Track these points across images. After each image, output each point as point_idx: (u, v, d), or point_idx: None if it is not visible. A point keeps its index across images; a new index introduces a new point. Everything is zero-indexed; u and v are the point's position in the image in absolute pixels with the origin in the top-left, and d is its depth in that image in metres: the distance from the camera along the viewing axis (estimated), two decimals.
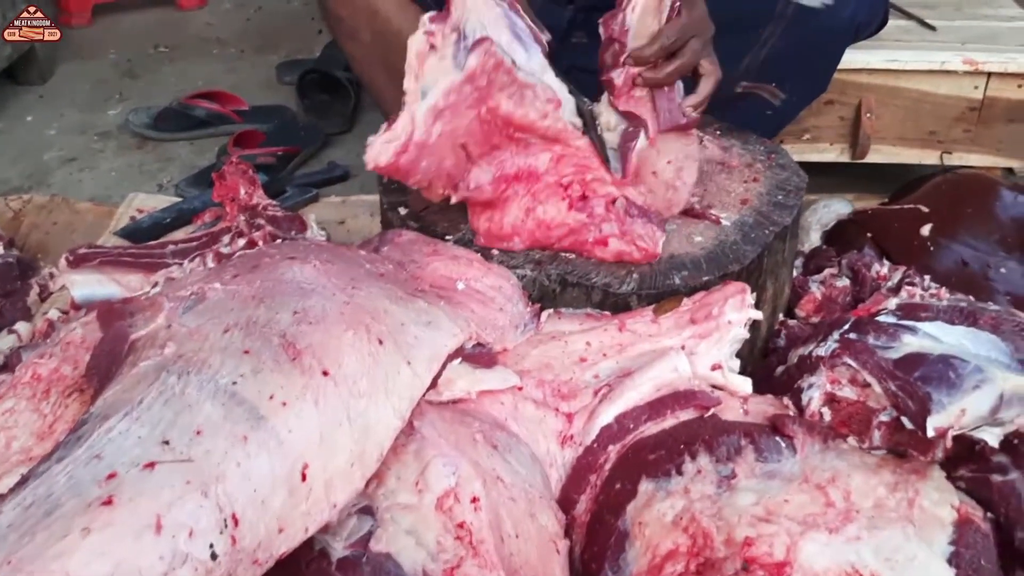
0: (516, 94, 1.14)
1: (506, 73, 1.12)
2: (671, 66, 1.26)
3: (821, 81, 1.65)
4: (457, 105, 1.12)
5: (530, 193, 1.21)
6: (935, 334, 1.11)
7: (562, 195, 1.21)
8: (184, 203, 1.92)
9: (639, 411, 1.08)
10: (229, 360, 0.88)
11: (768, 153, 1.48)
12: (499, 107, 1.14)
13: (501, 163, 1.19)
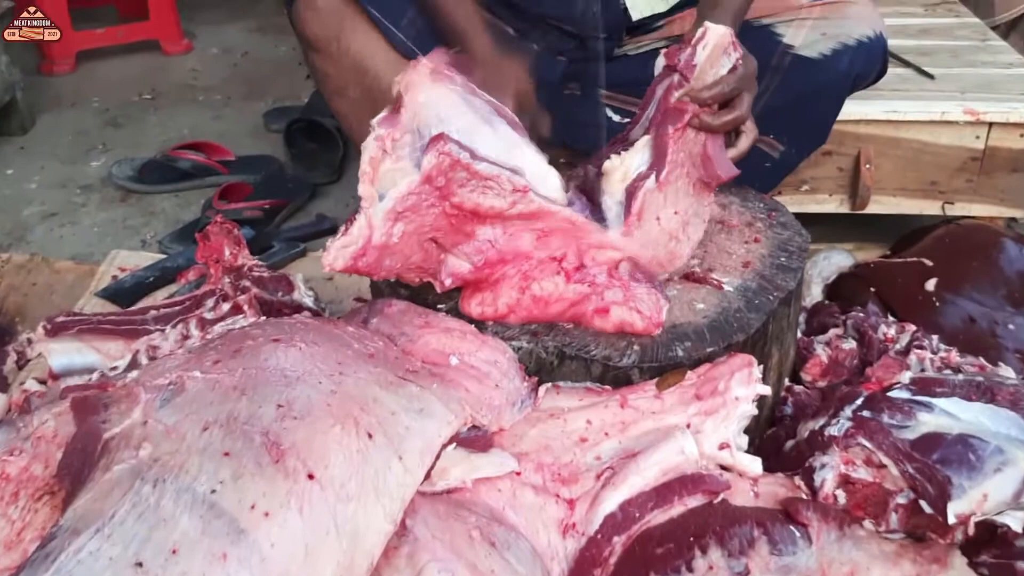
0: (478, 187, 1.09)
1: (464, 169, 1.06)
2: (729, 116, 1.24)
3: (820, 132, 1.61)
4: (417, 206, 1.08)
5: (521, 273, 1.15)
6: (952, 411, 1.06)
7: (556, 268, 1.16)
8: (168, 260, 1.86)
9: (645, 498, 1.03)
10: (208, 464, 0.83)
11: (768, 211, 1.43)
12: (463, 202, 1.09)
13: (480, 249, 1.14)
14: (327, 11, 1.51)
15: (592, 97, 1.67)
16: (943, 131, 1.73)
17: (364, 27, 1.52)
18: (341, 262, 1.07)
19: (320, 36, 1.53)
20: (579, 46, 1.63)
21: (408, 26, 1.54)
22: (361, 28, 1.52)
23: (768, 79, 1.52)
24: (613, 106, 1.66)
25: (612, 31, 1.62)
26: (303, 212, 2.23)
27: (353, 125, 1.63)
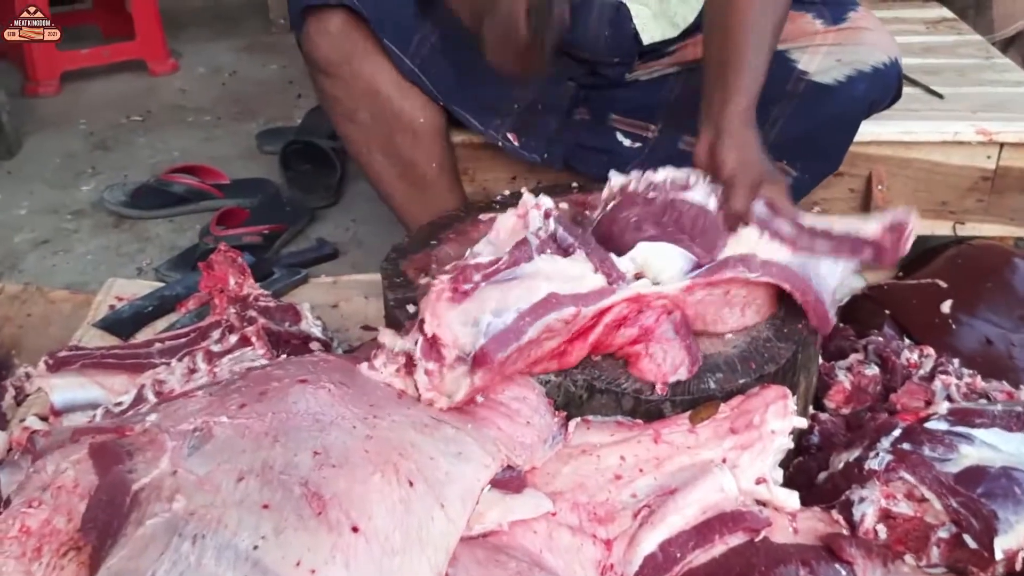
0: (534, 346, 1.06)
1: (516, 354, 1.03)
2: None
3: (834, 159, 1.60)
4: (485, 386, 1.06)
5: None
6: (993, 443, 1.05)
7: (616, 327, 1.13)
8: (166, 289, 1.82)
9: (685, 537, 1.00)
10: (247, 517, 0.80)
11: None
12: (533, 363, 1.09)
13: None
14: (338, 35, 1.49)
15: (602, 122, 1.65)
16: (954, 151, 1.72)
17: (375, 51, 1.50)
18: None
19: (331, 60, 1.50)
20: (589, 72, 1.62)
21: (415, 52, 1.52)
22: (372, 51, 1.50)
23: (783, 105, 1.51)
24: (623, 131, 1.65)
25: (623, 56, 1.60)
26: (303, 236, 2.20)
27: (361, 150, 1.61)
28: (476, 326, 1.01)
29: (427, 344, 0.99)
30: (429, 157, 1.61)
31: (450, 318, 0.99)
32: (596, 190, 1.55)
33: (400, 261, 1.39)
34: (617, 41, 1.57)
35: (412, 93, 1.54)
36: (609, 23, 1.56)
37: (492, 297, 1.02)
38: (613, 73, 1.62)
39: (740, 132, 1.24)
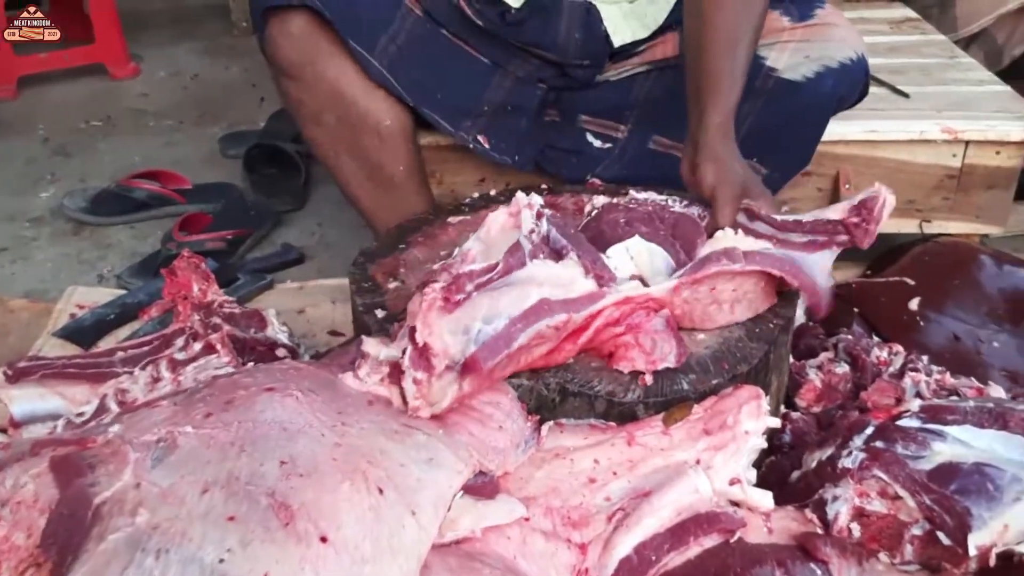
0: (525, 352, 1.06)
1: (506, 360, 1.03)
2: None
3: (803, 155, 1.60)
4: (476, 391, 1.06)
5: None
6: (965, 439, 1.05)
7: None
8: (128, 296, 1.79)
9: (660, 539, 0.99)
10: (213, 530, 0.78)
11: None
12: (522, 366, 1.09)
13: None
14: (300, 36, 1.46)
15: (572, 123, 1.64)
16: (920, 150, 1.73)
17: (339, 52, 1.48)
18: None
19: (293, 62, 1.48)
20: (559, 73, 1.60)
21: (382, 53, 1.50)
22: (336, 52, 1.48)
23: (752, 102, 1.51)
24: (593, 131, 1.64)
25: (594, 59, 1.59)
26: (267, 241, 2.17)
27: (328, 153, 1.58)
28: (466, 334, 1.00)
29: (416, 353, 0.97)
30: (396, 159, 1.59)
31: (441, 327, 0.97)
32: (566, 191, 1.55)
33: (368, 265, 1.38)
34: (588, 43, 1.57)
35: (378, 95, 1.52)
36: (580, 26, 1.56)
37: (483, 304, 1.01)
38: (583, 75, 1.61)
39: (717, 146, 1.27)
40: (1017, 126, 1.71)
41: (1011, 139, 1.71)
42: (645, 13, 1.60)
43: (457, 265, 1.07)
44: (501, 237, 1.11)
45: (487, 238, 1.11)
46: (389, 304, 1.28)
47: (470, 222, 1.46)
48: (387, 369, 1.01)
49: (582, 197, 1.52)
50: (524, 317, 1.01)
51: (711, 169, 1.26)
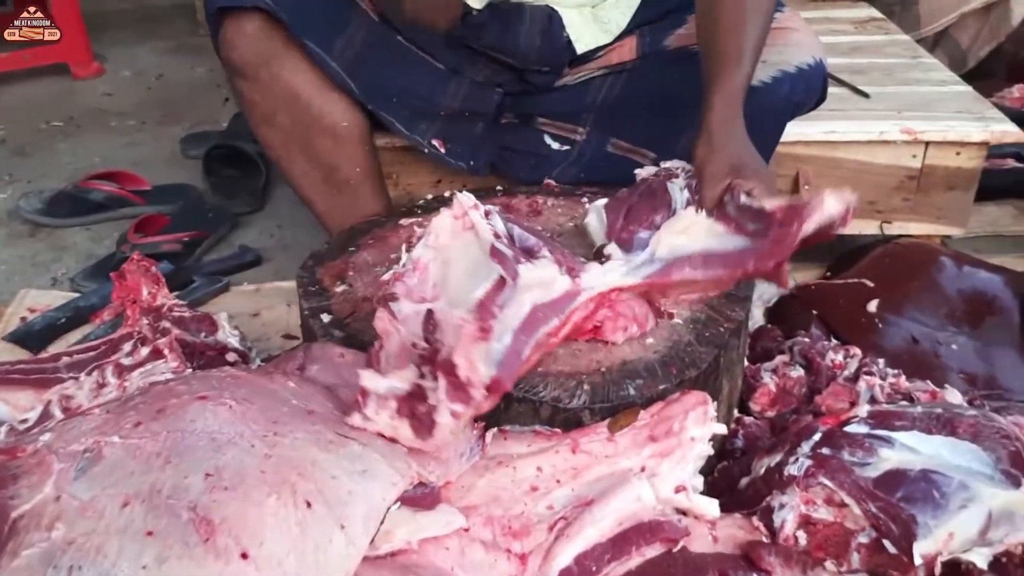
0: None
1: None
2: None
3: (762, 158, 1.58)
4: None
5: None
6: (913, 445, 1.03)
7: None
8: (81, 299, 1.76)
9: (601, 549, 0.97)
10: (130, 545, 0.76)
11: None
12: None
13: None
14: (255, 37, 1.44)
15: (530, 125, 1.62)
16: (880, 151, 1.72)
17: (294, 54, 1.45)
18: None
19: (249, 63, 1.45)
20: (518, 79, 1.58)
21: (340, 55, 1.47)
22: (291, 55, 1.45)
23: None
24: (552, 133, 1.62)
25: (554, 65, 1.57)
26: (225, 243, 2.13)
27: (282, 155, 1.56)
28: (489, 355, 0.97)
29: (453, 386, 0.93)
30: (352, 161, 1.56)
31: (477, 358, 0.94)
32: (521, 192, 1.53)
33: (316, 268, 1.35)
34: (548, 50, 1.54)
35: (334, 96, 1.50)
36: (541, 32, 1.53)
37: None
38: (542, 80, 1.59)
39: (715, 127, 1.28)
40: (977, 127, 1.70)
41: (971, 140, 1.70)
42: (608, 18, 1.58)
43: (410, 274, 1.05)
44: (452, 242, 1.09)
45: (437, 244, 1.08)
46: (335, 308, 1.25)
47: (422, 224, 1.44)
48: (395, 404, 0.96)
49: (536, 198, 1.50)
50: (525, 329, 1.00)
51: (702, 148, 1.27)
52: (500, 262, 1.03)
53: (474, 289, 1.01)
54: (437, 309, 1.01)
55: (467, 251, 1.07)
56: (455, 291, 1.04)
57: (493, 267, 1.02)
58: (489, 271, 1.03)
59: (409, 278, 1.04)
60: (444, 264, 1.06)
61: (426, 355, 0.96)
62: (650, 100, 1.55)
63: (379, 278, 1.05)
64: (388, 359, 0.99)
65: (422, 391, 0.95)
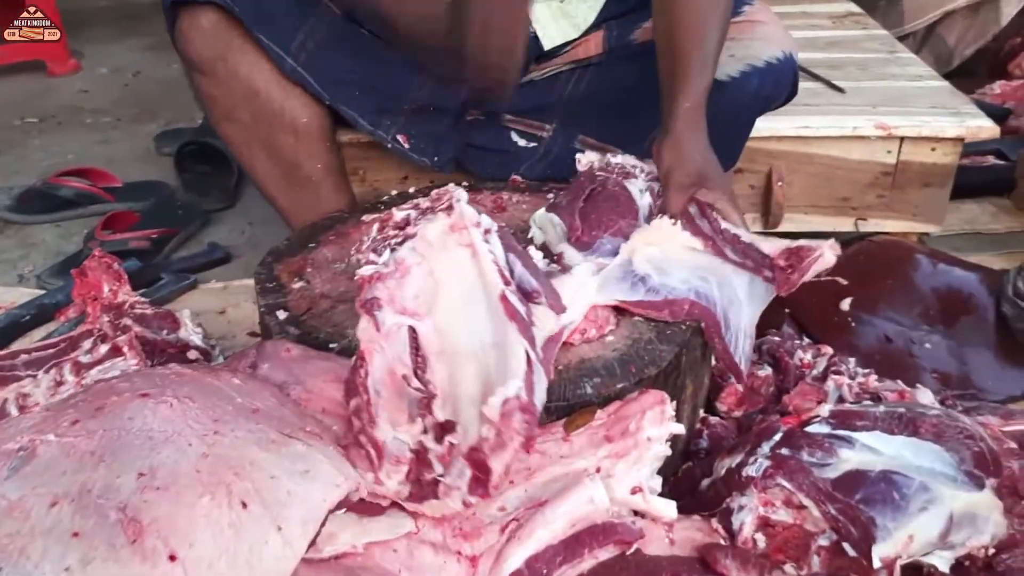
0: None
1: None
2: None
3: (730, 155, 1.56)
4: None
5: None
6: (874, 446, 1.01)
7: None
8: (46, 296, 1.73)
9: (552, 552, 0.95)
10: (54, 547, 0.73)
11: None
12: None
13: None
14: (212, 31, 1.41)
15: (496, 122, 1.60)
16: (854, 146, 1.69)
17: (251, 48, 1.43)
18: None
19: (205, 57, 1.43)
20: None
21: (299, 50, 1.45)
22: (249, 48, 1.43)
23: None
24: (518, 130, 1.60)
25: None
26: (195, 241, 2.11)
27: (243, 151, 1.53)
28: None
29: (477, 483, 0.89)
30: (314, 158, 1.54)
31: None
32: (487, 188, 1.51)
33: (275, 265, 1.33)
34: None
35: (294, 92, 1.47)
36: None
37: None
38: None
39: (680, 132, 1.28)
40: (952, 122, 1.68)
41: (946, 135, 1.68)
42: (576, 13, 1.56)
43: (393, 277, 0.97)
44: (443, 253, 1.00)
45: (425, 250, 1.00)
46: (291, 305, 1.23)
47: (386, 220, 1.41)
48: (407, 465, 0.91)
49: (502, 195, 1.48)
50: (528, 381, 0.93)
51: (669, 155, 1.27)
52: (521, 329, 0.95)
53: (469, 323, 0.96)
54: (421, 332, 0.96)
55: (460, 272, 0.99)
56: (445, 319, 0.97)
57: (502, 322, 0.96)
58: (488, 309, 0.97)
59: (391, 281, 0.97)
60: (430, 276, 0.99)
61: (423, 400, 0.91)
62: (617, 95, 1.53)
63: (355, 273, 0.98)
64: (377, 389, 0.92)
65: (426, 455, 0.90)
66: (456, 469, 0.89)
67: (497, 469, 0.87)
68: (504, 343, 0.94)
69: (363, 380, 0.92)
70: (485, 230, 1.01)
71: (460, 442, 0.89)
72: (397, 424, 0.91)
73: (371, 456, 0.90)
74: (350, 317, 1.19)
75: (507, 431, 0.87)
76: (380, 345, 0.93)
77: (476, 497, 0.89)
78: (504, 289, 0.97)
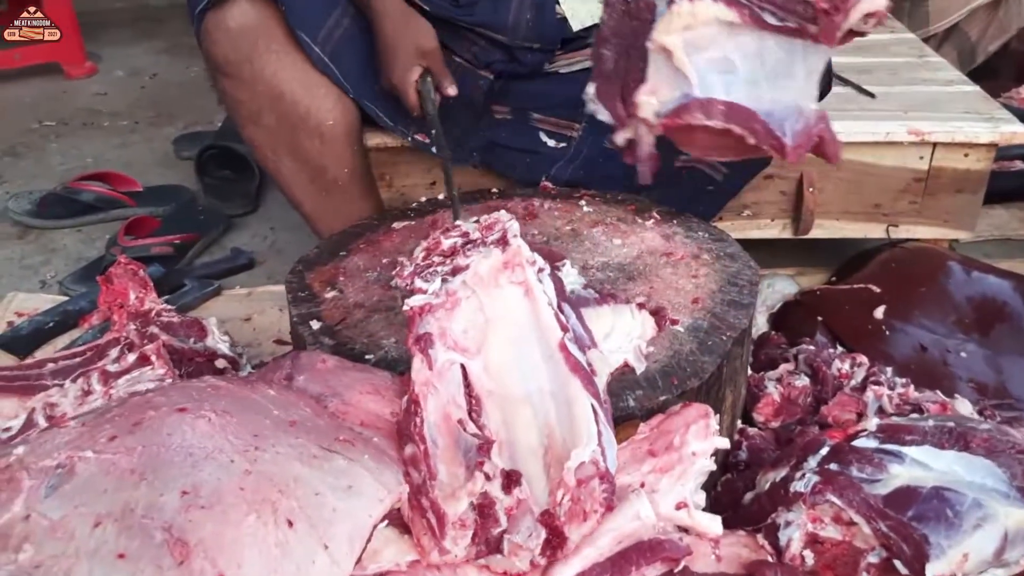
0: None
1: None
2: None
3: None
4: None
5: None
6: (924, 460, 0.99)
7: None
8: (69, 303, 1.72)
9: (599, 570, 0.92)
10: (99, 569, 0.72)
11: (714, 240, 1.35)
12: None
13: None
14: (239, 32, 1.40)
15: (524, 121, 1.58)
16: (887, 152, 1.67)
17: (278, 48, 1.41)
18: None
19: (231, 59, 1.41)
20: (508, 58, 1.54)
21: (326, 40, 1.43)
22: (275, 49, 1.41)
23: None
24: (547, 130, 1.58)
25: (545, 43, 1.53)
26: (217, 246, 2.10)
27: (268, 155, 1.52)
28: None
29: (551, 546, 0.87)
30: (340, 162, 1.52)
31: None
32: (517, 195, 1.49)
33: (306, 273, 1.32)
34: (539, 25, 1.50)
35: (319, 92, 1.46)
36: (532, 5, 1.50)
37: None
38: (533, 60, 1.54)
39: None
40: (986, 128, 1.66)
41: (980, 141, 1.66)
42: None
43: (443, 310, 0.94)
44: (495, 290, 0.97)
45: (475, 282, 0.97)
46: (325, 315, 1.21)
47: (416, 228, 1.40)
48: (472, 528, 0.86)
49: (532, 201, 1.46)
50: (600, 444, 0.91)
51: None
52: (584, 383, 0.92)
53: (521, 366, 0.94)
54: (472, 371, 0.93)
55: (512, 311, 0.97)
56: (496, 359, 0.95)
57: (562, 372, 0.93)
58: (543, 354, 0.95)
59: (440, 313, 0.94)
60: (480, 311, 0.96)
61: (481, 446, 0.88)
62: None
63: (403, 301, 0.94)
64: (433, 438, 0.89)
65: (491, 508, 0.86)
66: (524, 527, 0.86)
67: (575, 539, 0.86)
68: (565, 396, 0.92)
69: (419, 429, 0.89)
70: (539, 269, 0.99)
71: (526, 497, 0.87)
72: (455, 478, 0.87)
73: (432, 525, 0.86)
74: (385, 327, 1.17)
75: (587, 501, 0.86)
76: (434, 387, 0.90)
77: (545, 558, 0.87)
78: (563, 337, 0.95)
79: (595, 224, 1.39)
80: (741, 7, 1.12)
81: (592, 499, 0.85)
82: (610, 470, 0.88)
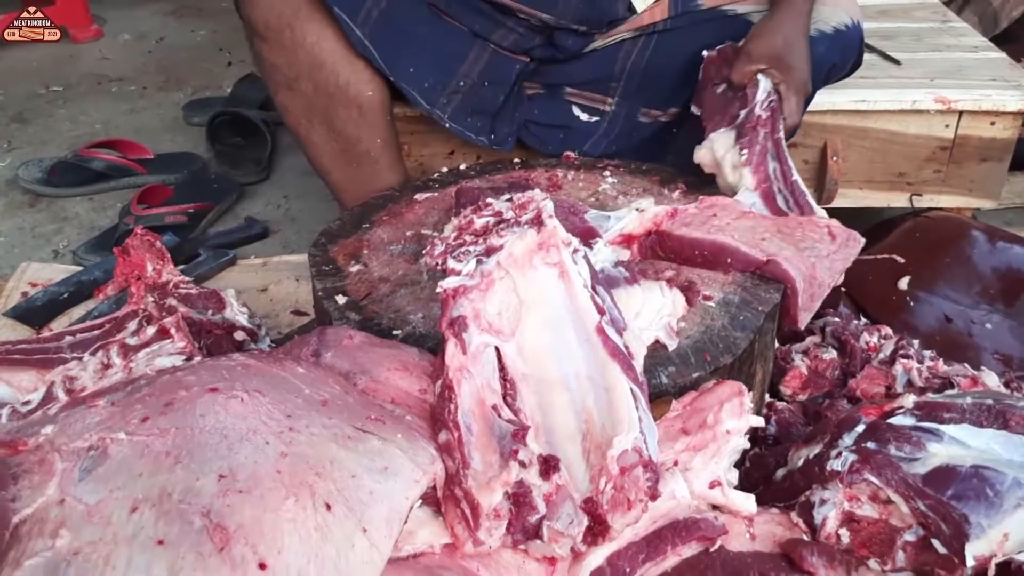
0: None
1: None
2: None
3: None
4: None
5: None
6: (962, 439, 0.98)
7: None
8: (83, 273, 1.71)
9: (634, 549, 0.92)
10: (139, 556, 0.70)
11: None
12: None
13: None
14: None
15: (557, 96, 1.55)
16: (912, 120, 1.64)
17: (318, 17, 1.38)
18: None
19: (271, 24, 1.38)
20: (547, 43, 1.50)
21: (364, 21, 1.40)
22: (317, 17, 1.38)
23: None
24: (580, 104, 1.55)
25: (592, 24, 1.49)
26: (231, 215, 2.08)
27: (300, 122, 1.49)
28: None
29: (594, 533, 0.86)
30: (374, 133, 1.49)
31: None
32: (540, 166, 1.47)
33: (329, 246, 1.30)
34: (589, 9, 1.46)
35: (359, 65, 1.43)
36: None
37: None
38: (573, 44, 1.51)
39: (779, 13, 1.35)
40: (1013, 96, 1.63)
41: (1007, 109, 1.63)
42: None
43: (477, 292, 0.92)
44: (529, 272, 0.95)
45: (509, 263, 0.94)
46: (350, 289, 1.20)
47: (438, 200, 1.38)
48: (507, 518, 0.85)
49: (556, 171, 1.44)
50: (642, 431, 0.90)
51: (757, 28, 1.34)
52: (623, 368, 0.90)
53: (556, 349, 0.91)
54: (506, 354, 0.91)
55: (547, 293, 0.94)
56: (530, 342, 0.92)
57: (600, 356, 0.91)
58: (579, 337, 0.92)
59: (475, 294, 0.92)
60: (513, 293, 0.94)
61: (516, 432, 0.86)
62: (682, 63, 1.47)
63: (428, 275, 0.91)
64: (467, 424, 0.87)
65: (528, 496, 0.85)
66: (565, 514, 0.85)
67: (618, 527, 0.84)
68: (604, 380, 0.90)
69: (453, 415, 0.87)
70: (574, 250, 0.96)
71: (566, 483, 0.85)
72: (489, 466, 0.85)
73: (467, 515, 0.84)
74: (411, 302, 1.16)
75: (631, 489, 0.84)
76: (468, 371, 0.88)
77: (586, 544, 0.86)
78: (600, 320, 0.92)
79: (620, 195, 1.37)
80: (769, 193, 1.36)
81: (636, 488, 0.84)
82: (653, 458, 0.86)
